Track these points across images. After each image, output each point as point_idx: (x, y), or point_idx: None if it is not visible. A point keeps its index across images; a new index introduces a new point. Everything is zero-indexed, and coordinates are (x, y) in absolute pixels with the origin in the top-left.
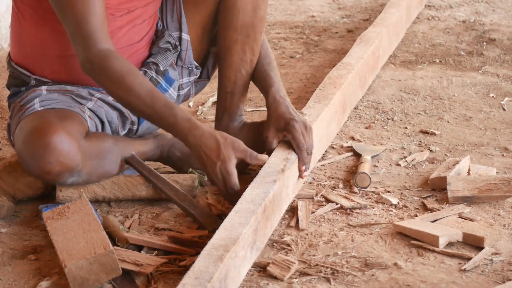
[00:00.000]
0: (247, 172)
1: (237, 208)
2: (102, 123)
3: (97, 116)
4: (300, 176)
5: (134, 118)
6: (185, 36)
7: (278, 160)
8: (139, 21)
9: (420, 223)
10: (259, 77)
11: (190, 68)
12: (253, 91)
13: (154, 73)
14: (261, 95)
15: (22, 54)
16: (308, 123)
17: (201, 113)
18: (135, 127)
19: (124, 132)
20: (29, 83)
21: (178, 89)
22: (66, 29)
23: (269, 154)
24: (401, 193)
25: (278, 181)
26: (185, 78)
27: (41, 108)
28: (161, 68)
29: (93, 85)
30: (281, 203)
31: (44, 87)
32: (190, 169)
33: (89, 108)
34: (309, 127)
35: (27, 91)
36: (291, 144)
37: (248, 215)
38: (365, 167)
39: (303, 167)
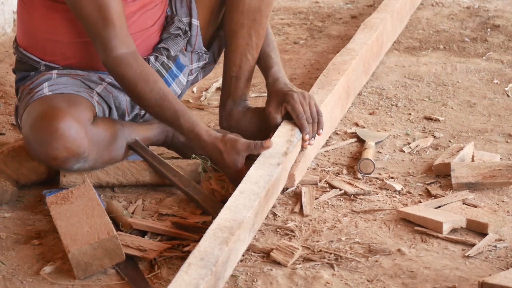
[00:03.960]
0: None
1: (242, 188)
2: (110, 108)
3: (105, 101)
4: (303, 145)
5: None
6: (195, 22)
7: (282, 141)
8: (151, 5)
9: (423, 209)
10: (260, 58)
11: (200, 54)
12: (257, 77)
13: (165, 58)
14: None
15: (32, 41)
16: (307, 93)
17: (205, 98)
18: (142, 112)
19: (130, 117)
20: (39, 68)
21: (188, 75)
22: (85, 30)
23: (274, 129)
24: (405, 179)
25: (281, 164)
26: (194, 64)
27: (50, 92)
28: (172, 54)
29: (104, 70)
30: (279, 186)
31: (54, 71)
32: (193, 155)
33: (97, 93)
34: (308, 96)
35: (37, 75)
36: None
37: (252, 198)
38: (369, 153)
39: (306, 136)
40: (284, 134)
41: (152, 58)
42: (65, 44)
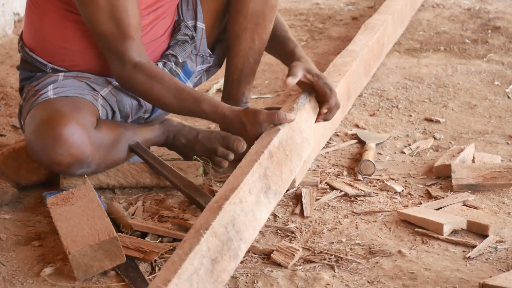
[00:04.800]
0: None
1: (241, 164)
2: (113, 111)
3: (109, 104)
4: (318, 120)
5: (149, 107)
6: (200, 25)
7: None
8: (163, 16)
9: (424, 211)
10: (280, 41)
11: (204, 57)
12: (258, 78)
13: (173, 64)
14: (266, 81)
15: (41, 45)
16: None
17: None
18: (146, 115)
19: (133, 119)
20: (45, 70)
21: None
22: (99, 43)
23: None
24: (406, 181)
25: (284, 128)
26: (198, 66)
27: (54, 95)
28: (180, 60)
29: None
30: (298, 148)
31: (61, 74)
32: (195, 157)
33: (102, 96)
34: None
35: (43, 76)
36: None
37: (251, 164)
38: (370, 155)
39: (324, 110)
40: (286, 106)
41: (160, 64)
42: (75, 52)
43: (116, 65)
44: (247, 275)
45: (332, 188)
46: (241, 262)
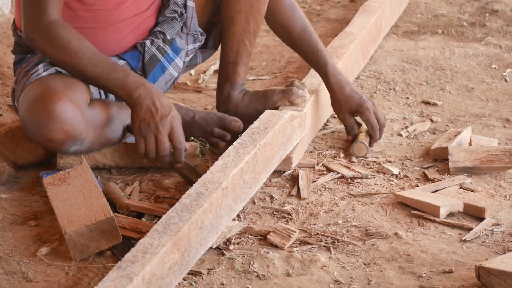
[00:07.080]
0: None
1: None
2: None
3: None
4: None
5: None
6: (190, 3)
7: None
8: None
9: (421, 193)
10: (306, 51)
11: (195, 35)
12: (255, 60)
13: (161, 42)
14: (263, 63)
15: None
16: (374, 101)
17: (203, 81)
18: None
19: None
20: (35, 51)
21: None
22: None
23: (351, 134)
24: (402, 163)
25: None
26: (190, 45)
27: (46, 73)
28: (168, 37)
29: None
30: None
31: None
32: (192, 138)
33: None
34: (375, 104)
35: (33, 57)
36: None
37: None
38: (363, 137)
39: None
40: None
41: (148, 42)
42: None
43: (34, 17)
44: (243, 256)
45: (329, 170)
46: (238, 243)
